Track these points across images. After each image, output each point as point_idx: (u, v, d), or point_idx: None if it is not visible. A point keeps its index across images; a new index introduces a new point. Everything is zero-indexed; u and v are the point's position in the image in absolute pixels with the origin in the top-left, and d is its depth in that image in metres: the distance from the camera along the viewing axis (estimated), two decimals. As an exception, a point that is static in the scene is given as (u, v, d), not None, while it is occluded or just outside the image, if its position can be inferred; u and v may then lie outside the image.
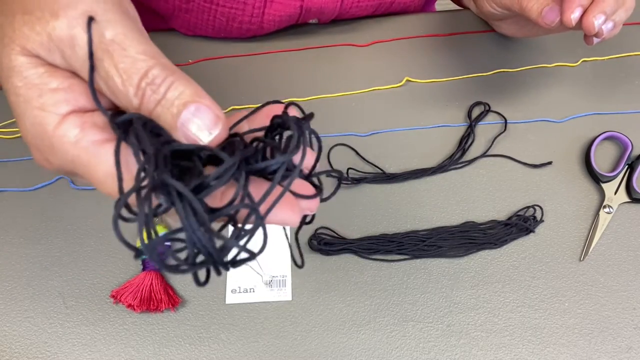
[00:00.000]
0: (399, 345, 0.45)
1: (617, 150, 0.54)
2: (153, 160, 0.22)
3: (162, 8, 0.58)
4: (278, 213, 0.24)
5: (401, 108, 0.57)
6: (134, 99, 0.24)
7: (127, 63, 0.24)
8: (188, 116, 0.23)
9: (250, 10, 0.56)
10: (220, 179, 0.22)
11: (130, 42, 0.24)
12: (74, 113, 0.25)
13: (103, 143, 0.24)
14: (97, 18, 0.24)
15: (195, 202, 0.22)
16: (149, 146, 0.23)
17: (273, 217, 0.24)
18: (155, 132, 0.24)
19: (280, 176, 0.24)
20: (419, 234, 0.49)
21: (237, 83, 0.58)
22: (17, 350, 0.45)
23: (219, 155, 0.23)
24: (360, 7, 0.60)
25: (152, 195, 0.22)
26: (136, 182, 0.22)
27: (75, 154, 0.25)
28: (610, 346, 0.45)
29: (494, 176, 0.53)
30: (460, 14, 0.64)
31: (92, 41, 0.24)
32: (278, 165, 0.24)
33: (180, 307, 0.46)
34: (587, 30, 0.44)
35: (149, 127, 0.24)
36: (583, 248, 0.49)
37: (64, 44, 0.24)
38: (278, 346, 0.45)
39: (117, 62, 0.24)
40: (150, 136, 0.23)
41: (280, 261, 0.49)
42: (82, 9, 0.24)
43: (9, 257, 0.49)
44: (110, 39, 0.24)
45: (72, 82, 0.25)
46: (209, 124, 0.24)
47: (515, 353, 0.45)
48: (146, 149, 0.23)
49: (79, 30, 0.24)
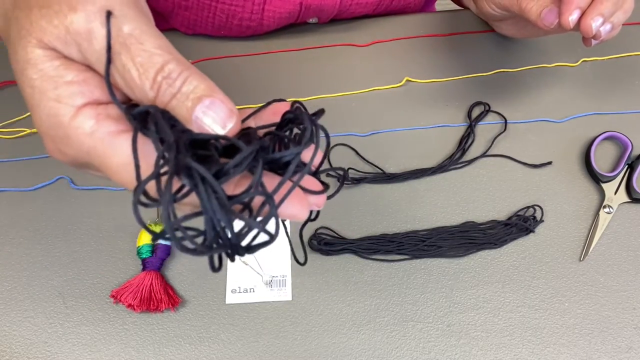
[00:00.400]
0: (399, 345, 0.45)
1: (617, 150, 0.54)
2: (174, 147, 0.23)
3: (162, 6, 0.58)
4: (289, 206, 0.25)
5: (401, 108, 0.57)
6: (149, 92, 0.24)
7: (144, 57, 0.24)
8: (203, 109, 0.24)
9: (250, 7, 0.56)
10: (239, 166, 0.23)
11: (147, 36, 0.25)
12: (89, 105, 0.25)
13: (119, 134, 0.25)
14: (114, 13, 0.24)
15: (216, 186, 0.22)
16: (169, 134, 0.23)
17: (284, 210, 0.25)
18: (171, 124, 0.24)
19: (294, 167, 0.24)
20: (419, 234, 0.49)
21: (237, 83, 0.58)
22: (17, 350, 0.45)
23: (236, 144, 0.24)
24: (360, 5, 0.60)
25: (172, 180, 0.22)
26: (156, 168, 0.23)
27: (91, 145, 0.25)
28: (610, 346, 0.45)
29: (494, 176, 0.53)
30: (460, 14, 0.64)
31: (110, 35, 0.24)
32: (292, 156, 0.25)
33: (180, 307, 0.46)
34: (584, 33, 0.44)
35: (166, 118, 0.24)
36: (583, 248, 0.49)
37: (81, 37, 0.24)
38: (278, 346, 0.45)
39: (134, 55, 0.24)
40: (168, 126, 0.24)
41: (280, 261, 0.49)
42: (101, 3, 0.24)
43: (9, 257, 0.49)
44: (128, 33, 0.24)
45: (87, 75, 0.25)
46: (223, 117, 0.24)
47: (515, 353, 0.45)
48: (166, 137, 0.23)
49: (96, 24, 0.24)
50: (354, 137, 0.55)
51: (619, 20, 0.45)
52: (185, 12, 0.58)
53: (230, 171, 0.23)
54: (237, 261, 0.48)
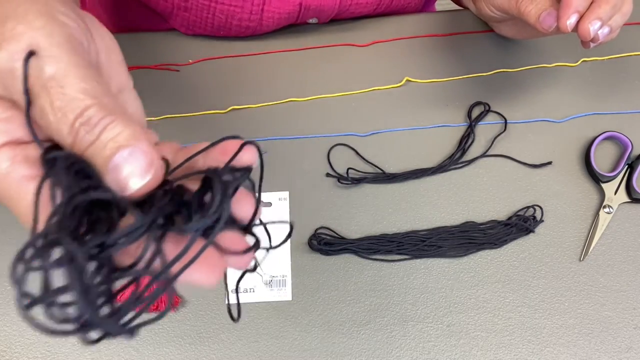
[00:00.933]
0: (399, 345, 0.45)
1: (617, 150, 0.54)
2: (61, 210, 0.22)
3: (162, 6, 0.58)
4: (192, 273, 0.23)
5: (401, 108, 0.57)
6: (67, 138, 0.23)
7: (64, 101, 0.23)
8: (120, 160, 0.23)
9: (249, 7, 0.56)
10: (127, 237, 0.22)
11: (71, 79, 0.24)
12: (8, 145, 0.24)
13: (30, 179, 0.24)
14: (40, 52, 0.24)
15: (84, 270, 0.21)
16: (64, 192, 0.22)
17: (186, 277, 0.23)
18: (83, 174, 0.23)
19: (192, 243, 0.22)
20: (419, 234, 0.49)
21: (237, 83, 0.58)
22: (17, 350, 0.45)
23: (130, 212, 0.22)
24: (360, 5, 0.60)
25: (46, 252, 0.21)
26: (44, 229, 0.22)
27: (4, 186, 0.24)
28: (610, 346, 0.45)
29: (494, 176, 0.53)
30: (460, 14, 0.64)
31: (30, 76, 0.23)
32: (192, 229, 0.23)
33: (180, 307, 0.46)
34: (582, 36, 0.44)
35: (77, 168, 0.23)
36: (583, 248, 0.49)
37: (5, 76, 0.24)
38: (278, 346, 0.45)
39: (53, 99, 0.23)
40: (74, 178, 0.23)
41: (280, 261, 0.49)
42: (26, 42, 0.24)
43: (9, 257, 0.49)
44: (50, 76, 0.23)
45: (11, 113, 0.25)
46: (141, 170, 0.23)
47: (515, 353, 0.45)
48: (64, 191, 0.22)
49: (19, 63, 0.23)
50: (354, 137, 0.55)
51: (617, 24, 0.45)
52: (185, 12, 0.58)
53: (118, 242, 0.22)
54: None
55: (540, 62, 0.59)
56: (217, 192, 0.23)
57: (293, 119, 0.55)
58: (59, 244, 0.21)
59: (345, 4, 0.59)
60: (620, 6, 0.45)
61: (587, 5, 0.44)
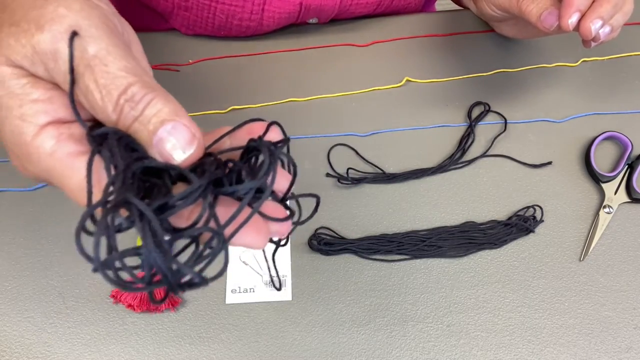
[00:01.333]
0: (399, 345, 0.45)
1: (617, 150, 0.54)
2: (121, 176, 0.22)
3: (162, 6, 0.58)
4: (242, 236, 0.24)
5: (401, 108, 0.57)
6: (112, 115, 0.24)
7: (107, 79, 0.24)
8: (164, 134, 0.24)
9: (250, 7, 0.56)
10: (185, 199, 0.23)
11: (113, 58, 0.24)
12: (52, 124, 0.25)
13: (78, 155, 0.25)
14: (81, 33, 0.24)
15: (155, 223, 0.22)
16: (121, 161, 0.23)
17: (237, 239, 0.24)
18: (130, 147, 0.24)
19: (246, 203, 0.23)
20: (419, 234, 0.49)
21: (237, 83, 0.58)
22: (17, 350, 0.45)
23: (187, 175, 0.23)
24: (360, 5, 0.60)
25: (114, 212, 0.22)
26: (103, 197, 0.22)
27: (50, 164, 0.25)
28: (610, 346, 0.45)
29: (494, 176, 0.53)
30: (460, 14, 0.64)
31: (74, 56, 0.24)
32: (245, 191, 0.24)
33: (180, 307, 0.46)
34: (584, 35, 0.44)
35: (124, 142, 0.24)
36: (583, 248, 0.49)
37: (47, 57, 0.24)
38: (278, 346, 0.45)
39: (97, 77, 0.24)
40: (124, 151, 0.23)
41: (281, 261, 0.49)
42: (68, 23, 0.24)
43: (9, 257, 0.49)
44: (93, 55, 0.24)
45: (53, 94, 0.25)
46: (184, 142, 0.24)
47: (515, 353, 0.45)
48: (118, 163, 0.23)
49: (62, 44, 0.24)
50: (354, 137, 0.55)
51: (619, 23, 0.45)
52: (185, 12, 0.58)
53: (175, 204, 0.22)
54: (237, 261, 0.48)
55: (541, 62, 0.59)
56: (266, 155, 0.25)
57: (293, 119, 0.55)
58: (129, 203, 0.22)
59: (346, 4, 0.59)
60: (622, 5, 0.45)
61: (588, 5, 0.44)
